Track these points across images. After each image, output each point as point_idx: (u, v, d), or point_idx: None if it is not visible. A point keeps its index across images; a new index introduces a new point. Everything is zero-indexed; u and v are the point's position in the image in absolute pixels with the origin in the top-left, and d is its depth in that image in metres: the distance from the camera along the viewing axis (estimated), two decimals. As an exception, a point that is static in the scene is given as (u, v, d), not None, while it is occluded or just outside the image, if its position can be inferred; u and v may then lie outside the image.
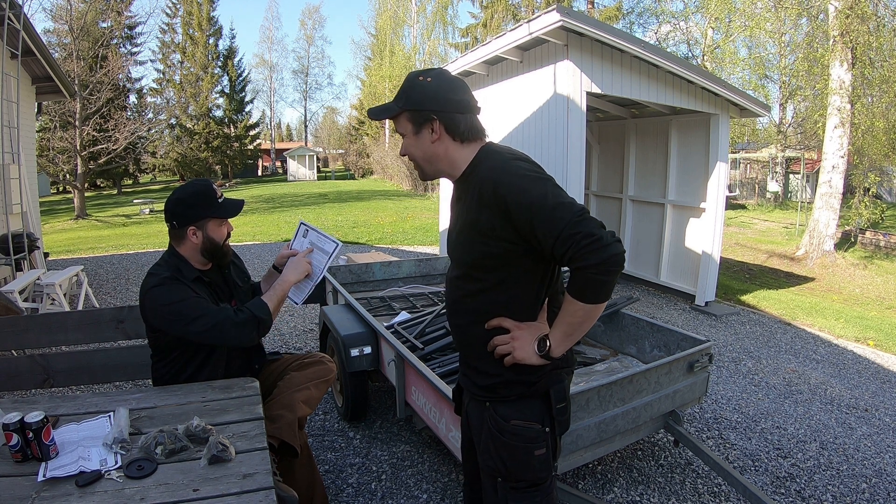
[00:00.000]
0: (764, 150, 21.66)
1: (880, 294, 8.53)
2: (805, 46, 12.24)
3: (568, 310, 1.26)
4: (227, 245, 2.00)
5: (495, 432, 1.35)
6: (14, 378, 2.48)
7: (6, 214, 5.44)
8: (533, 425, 1.34)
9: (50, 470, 1.30)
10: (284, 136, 55.75)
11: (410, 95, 1.33)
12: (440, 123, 1.32)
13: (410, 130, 1.35)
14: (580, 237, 1.15)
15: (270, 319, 1.88)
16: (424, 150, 1.35)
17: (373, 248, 9.88)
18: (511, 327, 1.32)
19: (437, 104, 1.31)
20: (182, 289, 1.81)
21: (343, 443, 2.98)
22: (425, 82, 1.33)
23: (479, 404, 1.42)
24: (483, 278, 1.33)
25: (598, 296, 1.21)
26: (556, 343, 1.29)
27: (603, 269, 1.16)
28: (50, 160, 17.01)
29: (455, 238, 1.40)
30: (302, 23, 46.17)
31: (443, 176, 1.42)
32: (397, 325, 3.27)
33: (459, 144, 1.34)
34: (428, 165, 1.39)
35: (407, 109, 1.34)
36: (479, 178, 1.29)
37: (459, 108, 1.33)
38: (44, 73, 7.25)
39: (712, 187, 6.23)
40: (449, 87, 1.33)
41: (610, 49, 5.04)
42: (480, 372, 1.39)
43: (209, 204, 1.90)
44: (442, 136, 1.33)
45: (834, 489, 2.70)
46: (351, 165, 35.77)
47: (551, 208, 1.18)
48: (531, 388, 1.34)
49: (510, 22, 24.70)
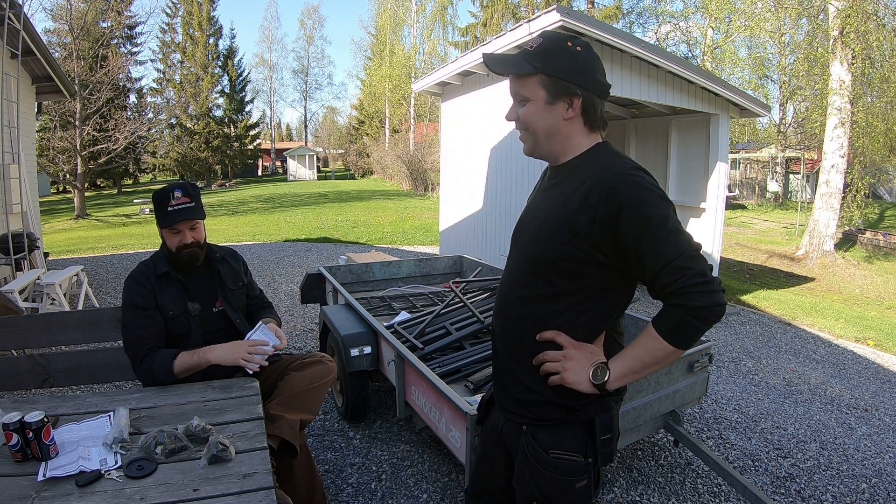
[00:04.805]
0: (764, 150, 21.67)
1: (880, 294, 8.53)
2: (805, 46, 12.25)
3: (647, 345, 1.13)
4: (188, 253, 1.98)
5: (534, 462, 1.22)
6: (14, 378, 2.48)
7: (6, 214, 5.44)
8: (575, 457, 1.20)
9: (50, 470, 1.29)
10: (284, 135, 55.77)
11: (554, 60, 1.13)
12: (581, 102, 1.15)
13: (542, 98, 1.16)
14: (692, 274, 1.04)
15: (168, 381, 1.85)
16: (551, 124, 1.18)
17: (373, 248, 9.88)
18: (566, 344, 1.17)
19: (584, 80, 1.15)
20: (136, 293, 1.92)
21: (343, 443, 2.97)
22: (575, 51, 1.14)
23: (514, 427, 1.28)
24: (555, 282, 1.18)
25: (687, 341, 1.10)
26: (616, 376, 1.15)
27: (704, 315, 1.06)
28: (50, 160, 17.00)
29: (533, 229, 1.23)
30: (302, 23, 46.17)
31: (550, 157, 1.24)
32: (397, 324, 3.27)
33: (587, 131, 1.19)
34: (546, 141, 1.20)
35: (547, 74, 1.14)
36: (593, 176, 1.13)
37: (602, 92, 1.18)
38: (44, 72, 7.25)
39: (712, 187, 6.23)
40: (598, 66, 1.17)
41: (610, 49, 5.04)
42: (522, 385, 1.25)
43: (158, 210, 1.95)
44: (577, 115, 1.17)
45: (834, 489, 2.70)
46: (351, 165, 35.76)
47: (668, 232, 1.06)
48: (572, 414, 1.20)
49: (510, 21, 24.71)
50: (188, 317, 1.99)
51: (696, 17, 18.72)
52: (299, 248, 9.91)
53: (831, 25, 9.93)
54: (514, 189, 5.89)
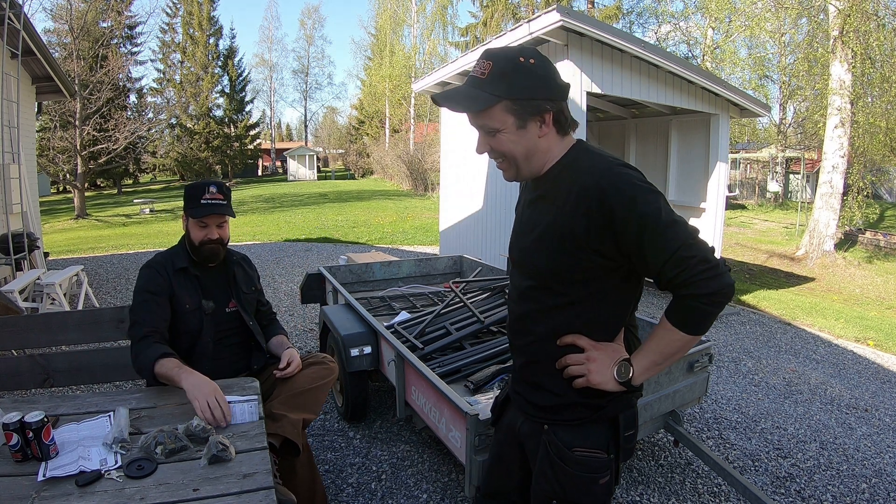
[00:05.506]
0: (764, 150, 21.68)
1: (880, 294, 8.53)
2: (805, 46, 12.25)
3: (664, 337, 1.14)
4: (209, 249, 2.01)
5: (556, 460, 1.21)
6: (14, 378, 2.48)
7: (6, 214, 5.44)
8: (598, 454, 1.19)
9: (50, 470, 1.29)
10: (284, 135, 55.80)
11: (515, 81, 1.07)
12: (552, 115, 1.12)
13: (512, 123, 1.10)
14: (695, 262, 1.05)
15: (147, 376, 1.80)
16: (528, 147, 1.13)
17: (373, 248, 9.89)
18: (587, 346, 1.17)
19: (549, 92, 1.10)
20: (152, 280, 1.94)
21: (343, 443, 2.98)
22: (529, 64, 1.08)
23: (535, 426, 1.27)
24: (565, 292, 1.16)
25: (701, 327, 1.11)
26: (640, 370, 1.15)
27: (714, 299, 1.06)
28: (50, 160, 17.00)
29: (531, 243, 1.21)
30: (302, 23, 46.20)
31: (532, 175, 1.20)
32: (397, 324, 3.27)
33: (560, 137, 1.16)
34: (526, 164, 1.16)
35: (511, 98, 1.08)
36: (577, 181, 1.11)
37: (566, 95, 1.14)
38: (44, 72, 7.25)
39: (712, 187, 6.23)
40: (552, 68, 1.12)
41: (610, 49, 5.04)
42: (545, 390, 1.24)
43: (190, 201, 2.00)
44: (550, 128, 1.13)
45: (834, 489, 2.70)
46: (351, 165, 35.77)
47: (665, 225, 1.05)
48: (597, 412, 1.20)
49: (510, 21, 24.71)
50: (202, 314, 2.02)
51: (696, 17, 18.75)
52: (299, 248, 9.92)
53: (831, 25, 9.93)
54: (514, 189, 5.87)
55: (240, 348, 2.14)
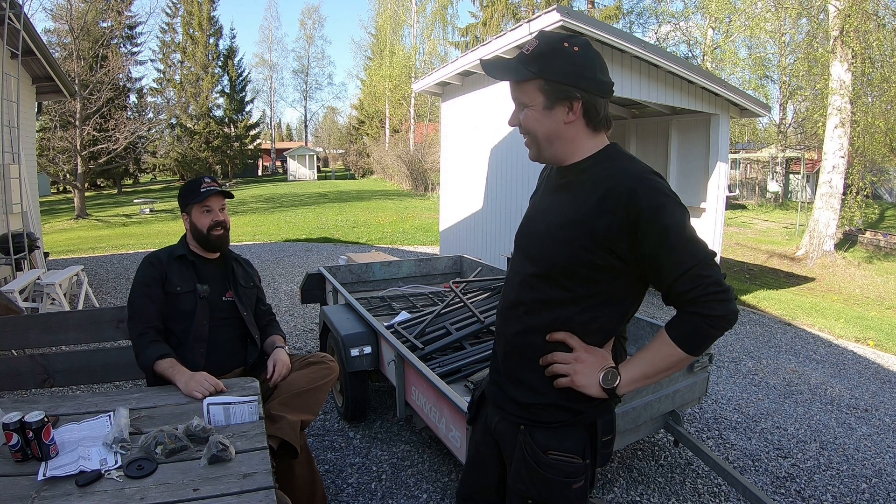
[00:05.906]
0: (764, 150, 21.69)
1: (880, 294, 8.53)
2: (805, 46, 12.26)
3: (660, 351, 1.13)
4: (217, 235, 2.13)
5: (531, 462, 1.19)
6: (14, 378, 2.48)
7: (6, 214, 5.44)
8: (574, 459, 1.18)
9: (50, 469, 1.29)
10: (284, 135, 55.79)
11: (550, 63, 1.09)
12: (581, 105, 1.11)
13: (540, 103, 1.12)
14: (710, 282, 1.05)
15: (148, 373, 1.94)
16: (551, 129, 1.14)
17: (373, 248, 9.89)
18: (577, 347, 1.16)
19: (583, 81, 1.10)
20: (146, 273, 2.05)
21: (343, 443, 2.98)
22: (572, 51, 1.10)
23: (511, 426, 1.25)
24: (569, 287, 1.15)
25: (700, 347, 1.10)
26: (628, 380, 1.15)
27: (719, 323, 1.07)
28: (50, 160, 17.01)
29: (546, 231, 1.19)
30: (302, 23, 46.23)
31: (555, 161, 1.20)
32: (397, 324, 3.27)
33: (591, 132, 1.16)
34: (548, 146, 1.17)
35: (544, 78, 1.10)
36: (608, 179, 1.11)
37: (604, 92, 1.14)
38: (44, 72, 7.25)
39: (712, 187, 6.23)
40: (598, 64, 1.13)
41: (610, 49, 5.04)
42: (526, 387, 1.22)
43: (191, 192, 2.12)
44: (578, 118, 1.13)
45: (834, 489, 2.70)
46: (351, 165, 35.77)
47: (686, 240, 1.06)
48: (576, 416, 1.19)
49: (510, 21, 24.71)
50: (196, 297, 2.06)
51: (696, 17, 18.75)
52: (299, 248, 9.92)
53: (831, 25, 9.93)
54: (515, 189, 5.89)
55: (238, 341, 2.16)
